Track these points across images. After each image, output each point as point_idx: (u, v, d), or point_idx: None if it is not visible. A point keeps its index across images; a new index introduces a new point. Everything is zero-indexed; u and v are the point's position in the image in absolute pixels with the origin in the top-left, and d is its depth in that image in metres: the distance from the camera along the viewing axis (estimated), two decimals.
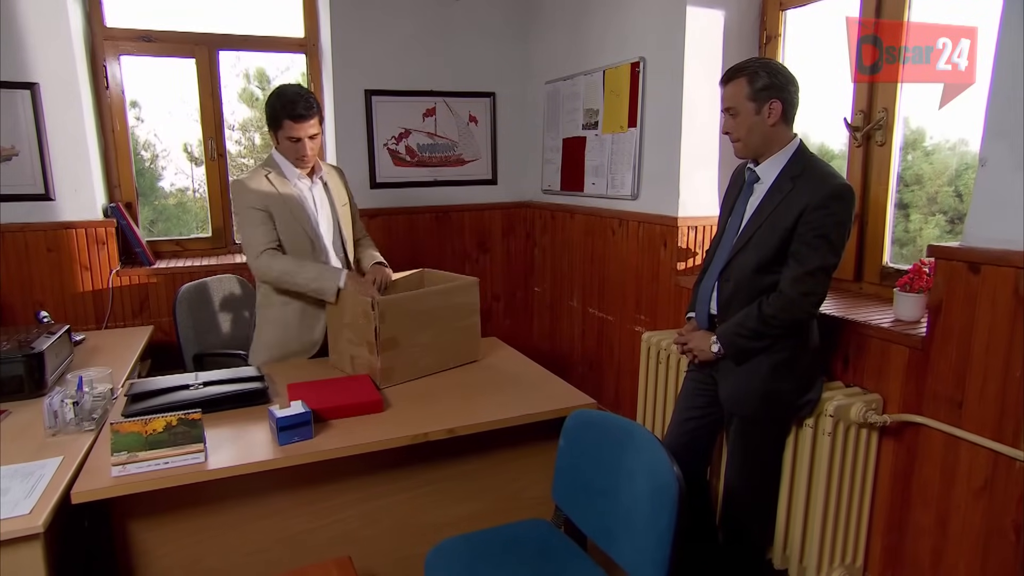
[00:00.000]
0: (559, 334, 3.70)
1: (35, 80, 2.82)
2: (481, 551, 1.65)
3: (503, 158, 3.81)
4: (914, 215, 2.21)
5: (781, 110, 1.74)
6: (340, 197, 2.42)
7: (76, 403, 1.76)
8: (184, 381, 1.91)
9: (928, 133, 2.19)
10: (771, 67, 1.75)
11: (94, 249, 3.01)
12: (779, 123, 1.76)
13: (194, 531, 1.61)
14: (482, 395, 1.99)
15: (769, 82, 1.72)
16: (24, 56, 2.79)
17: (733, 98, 1.77)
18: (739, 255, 1.81)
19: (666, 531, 1.36)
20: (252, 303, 3.11)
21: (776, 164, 1.79)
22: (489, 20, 3.61)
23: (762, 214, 1.77)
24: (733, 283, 1.82)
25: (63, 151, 2.91)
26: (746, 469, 1.89)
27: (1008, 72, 1.51)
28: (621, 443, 1.56)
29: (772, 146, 1.78)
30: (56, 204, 2.93)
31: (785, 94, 1.74)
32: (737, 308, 1.81)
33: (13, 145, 2.83)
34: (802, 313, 1.72)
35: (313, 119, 2.16)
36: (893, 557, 1.89)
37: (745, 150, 1.82)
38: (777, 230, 1.73)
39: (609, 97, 3.01)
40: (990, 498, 1.58)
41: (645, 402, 2.54)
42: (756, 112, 1.75)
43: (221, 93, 3.34)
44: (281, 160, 2.27)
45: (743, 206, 1.86)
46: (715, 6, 2.53)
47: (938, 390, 1.69)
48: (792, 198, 1.71)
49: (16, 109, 2.81)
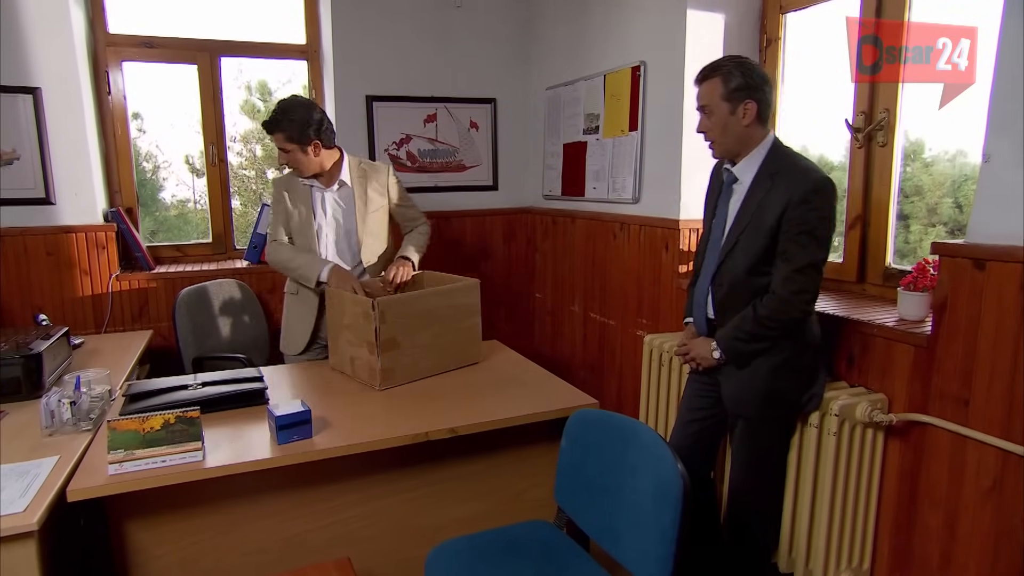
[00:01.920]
0: (560, 340, 3.68)
1: (37, 84, 2.82)
2: (482, 552, 1.62)
3: (504, 164, 3.81)
4: (914, 226, 2.20)
5: (756, 110, 1.73)
6: (373, 201, 2.49)
7: (74, 403, 1.74)
8: (183, 382, 1.89)
9: (927, 144, 2.19)
10: (746, 66, 1.74)
11: (94, 253, 3.01)
12: (754, 123, 1.75)
13: (191, 531, 1.59)
14: (484, 395, 1.97)
15: (743, 82, 1.72)
16: (26, 60, 2.79)
17: (707, 97, 1.77)
18: (728, 259, 1.80)
19: (670, 528, 1.34)
20: (252, 307, 3.11)
21: (753, 163, 1.78)
22: (490, 26, 3.63)
23: (745, 215, 1.76)
24: (727, 287, 1.81)
25: (64, 155, 2.91)
26: (751, 471, 1.87)
27: (1010, 67, 1.51)
28: (624, 441, 1.54)
29: (748, 146, 1.78)
30: (56, 208, 2.92)
31: (760, 94, 1.73)
32: (734, 311, 1.80)
33: (14, 149, 2.83)
34: (796, 312, 1.71)
35: (276, 134, 2.30)
36: (901, 559, 1.86)
37: (721, 150, 1.82)
38: (762, 230, 1.72)
39: (610, 101, 3.02)
40: (999, 498, 1.56)
41: (648, 405, 2.52)
42: (731, 112, 1.74)
43: (222, 99, 3.35)
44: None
45: (725, 208, 1.85)
46: (715, 9, 2.53)
47: (944, 388, 1.68)
48: (772, 195, 1.70)
49: (18, 113, 2.81)
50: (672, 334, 2.53)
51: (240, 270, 3.23)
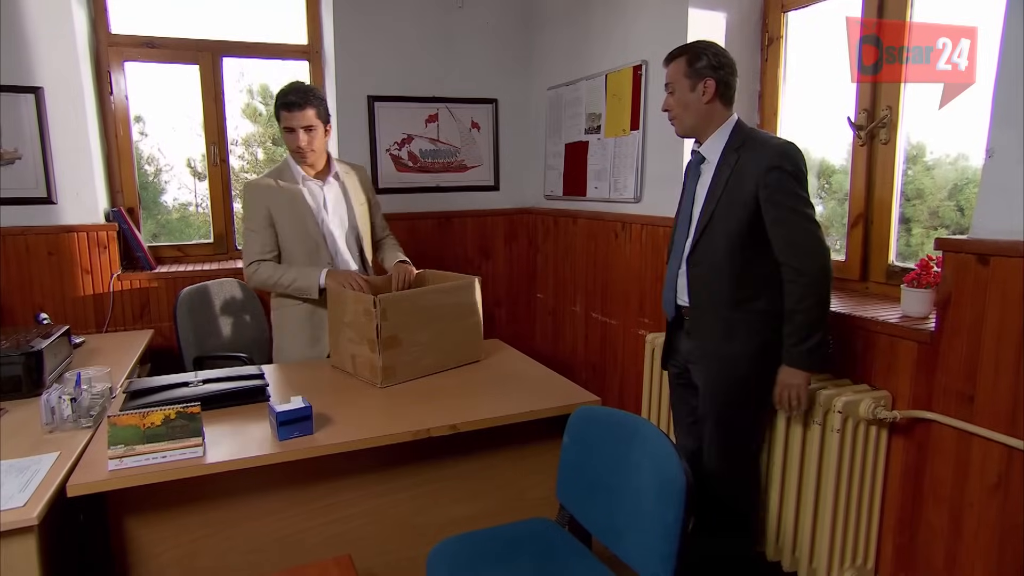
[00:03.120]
0: (562, 340, 3.67)
1: (39, 84, 2.82)
2: (483, 550, 1.61)
3: (505, 164, 3.81)
4: (916, 229, 2.19)
5: (715, 88, 1.80)
6: (357, 196, 2.45)
7: (74, 399, 1.73)
8: (184, 379, 1.89)
9: (929, 148, 2.19)
10: (711, 50, 1.82)
11: (95, 253, 3.00)
12: (714, 101, 1.82)
13: (191, 529, 1.58)
14: (485, 392, 1.96)
15: (706, 63, 1.80)
16: (29, 60, 2.80)
17: (671, 75, 1.87)
18: (704, 237, 1.82)
19: (673, 525, 1.33)
20: (253, 307, 3.10)
21: (718, 141, 1.84)
22: (491, 26, 3.63)
23: (717, 190, 1.80)
24: (706, 267, 1.83)
25: (66, 155, 2.91)
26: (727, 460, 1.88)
27: (1013, 61, 1.51)
28: (626, 438, 1.53)
29: (709, 124, 1.84)
30: (58, 207, 2.92)
31: (720, 74, 1.80)
32: (715, 293, 1.81)
33: (16, 148, 2.83)
34: (822, 258, 1.70)
35: (305, 110, 2.20)
36: (905, 557, 1.85)
37: (681, 127, 1.89)
38: (736, 204, 1.75)
39: (611, 101, 3.02)
40: (1005, 494, 1.55)
41: (650, 404, 2.52)
42: (691, 89, 1.82)
43: (224, 99, 3.35)
44: (292, 163, 2.34)
45: (693, 188, 1.90)
46: (717, 8, 2.53)
47: (948, 385, 1.67)
48: (741, 168, 1.75)
49: (20, 113, 2.81)
50: None
51: (241, 270, 3.21)
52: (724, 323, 1.81)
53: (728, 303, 1.80)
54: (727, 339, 1.81)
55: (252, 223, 2.28)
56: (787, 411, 1.82)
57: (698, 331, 1.88)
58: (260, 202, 2.27)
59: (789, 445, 1.95)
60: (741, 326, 1.79)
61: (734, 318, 1.80)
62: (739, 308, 1.79)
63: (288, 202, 2.28)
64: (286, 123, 2.22)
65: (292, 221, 2.29)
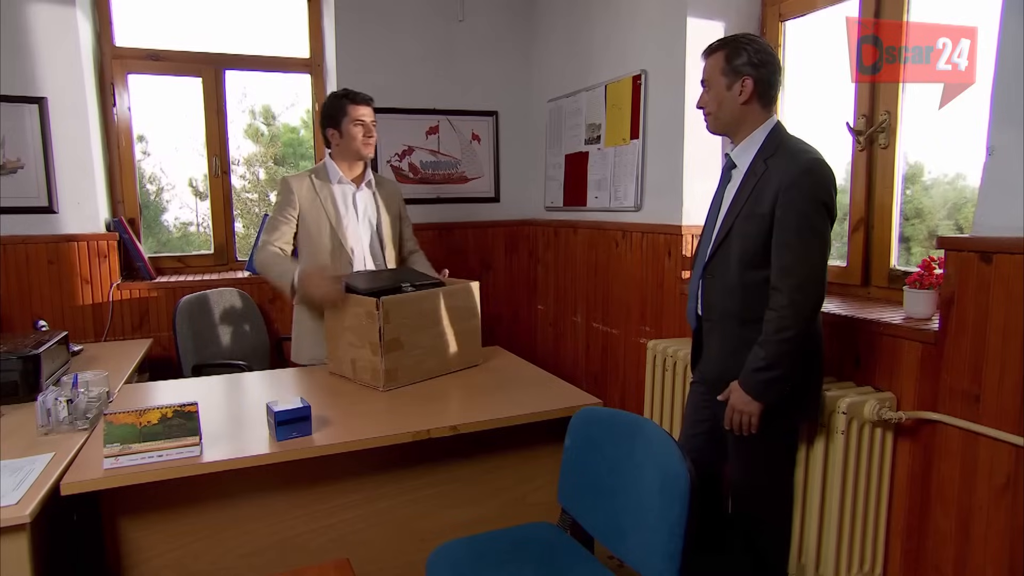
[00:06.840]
0: (563, 350, 3.65)
1: (43, 95, 2.84)
2: (484, 554, 1.58)
3: (506, 176, 3.83)
4: (915, 248, 2.19)
5: (753, 88, 1.67)
6: (390, 208, 2.54)
7: (70, 401, 1.72)
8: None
9: (927, 168, 2.20)
10: (753, 45, 1.68)
11: (95, 262, 3.00)
12: (752, 102, 1.69)
13: (186, 531, 1.55)
14: (486, 395, 1.95)
15: (746, 59, 1.67)
16: (33, 70, 2.82)
17: (709, 70, 1.74)
18: (722, 248, 1.73)
19: (677, 523, 1.31)
20: (253, 317, 3.10)
21: (751, 147, 1.71)
22: (492, 39, 3.67)
23: (739, 201, 1.69)
24: (718, 279, 1.74)
25: (68, 165, 2.92)
26: (751, 487, 1.80)
27: (1012, 58, 1.51)
28: (629, 437, 1.51)
29: (743, 125, 1.72)
30: (59, 217, 2.93)
31: (760, 73, 1.67)
32: (722, 307, 1.74)
33: (19, 158, 2.85)
34: (805, 310, 1.59)
35: (372, 106, 2.41)
36: (914, 562, 1.82)
37: (715, 124, 1.77)
38: (755, 218, 1.64)
39: (611, 111, 3.04)
40: (1014, 495, 1.52)
41: (652, 411, 2.49)
42: (727, 87, 1.70)
43: (227, 111, 3.37)
44: (331, 165, 2.42)
45: (721, 195, 1.80)
46: (715, 17, 2.56)
47: (954, 385, 1.65)
48: (766, 180, 1.63)
49: (23, 123, 2.83)
50: (676, 339, 2.51)
51: (241, 280, 3.22)
52: (731, 340, 1.73)
53: (737, 320, 1.71)
54: (733, 357, 1.71)
55: (279, 212, 2.37)
56: (736, 432, 1.71)
57: (709, 346, 1.82)
58: (291, 195, 2.36)
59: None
60: (746, 346, 1.67)
61: (741, 336, 1.70)
62: (746, 326, 1.69)
63: (316, 200, 2.37)
64: (358, 115, 2.36)
65: (316, 219, 2.37)
